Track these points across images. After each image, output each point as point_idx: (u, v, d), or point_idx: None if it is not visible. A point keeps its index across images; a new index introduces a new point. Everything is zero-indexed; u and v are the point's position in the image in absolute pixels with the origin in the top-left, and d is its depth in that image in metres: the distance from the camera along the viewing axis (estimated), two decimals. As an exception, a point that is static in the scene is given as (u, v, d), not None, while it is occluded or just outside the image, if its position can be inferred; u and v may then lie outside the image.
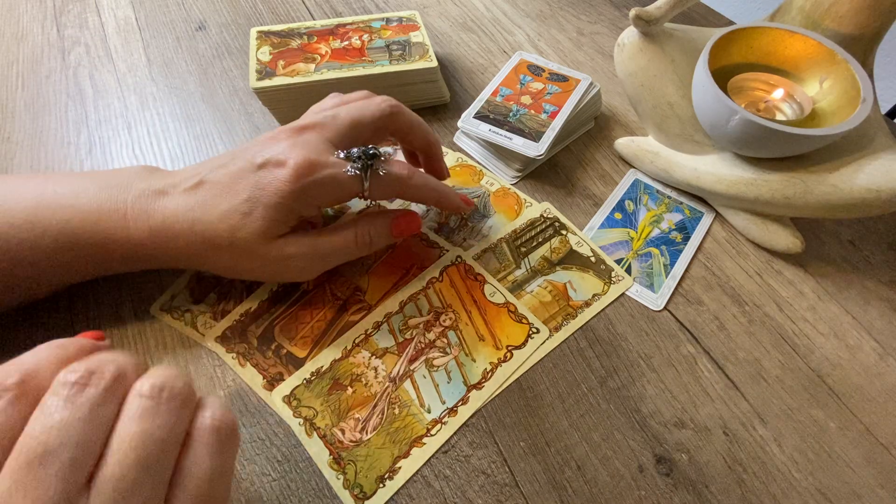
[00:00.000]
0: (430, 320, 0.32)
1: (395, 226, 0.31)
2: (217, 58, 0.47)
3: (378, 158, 0.29)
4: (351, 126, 0.30)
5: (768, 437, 0.29)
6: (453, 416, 0.29)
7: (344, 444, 0.28)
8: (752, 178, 0.34)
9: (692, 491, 0.27)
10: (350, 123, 0.30)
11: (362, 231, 0.30)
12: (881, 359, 0.32)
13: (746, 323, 0.33)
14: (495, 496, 0.27)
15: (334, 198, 0.29)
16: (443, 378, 0.30)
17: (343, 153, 0.29)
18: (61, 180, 0.29)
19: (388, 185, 0.29)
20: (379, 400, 0.29)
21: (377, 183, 0.29)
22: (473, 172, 0.39)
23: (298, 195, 0.27)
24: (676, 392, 0.30)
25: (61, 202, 0.27)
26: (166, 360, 0.30)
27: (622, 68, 0.37)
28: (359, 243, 0.30)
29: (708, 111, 0.33)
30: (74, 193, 0.28)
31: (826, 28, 0.33)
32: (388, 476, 0.27)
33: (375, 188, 0.29)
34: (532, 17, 0.52)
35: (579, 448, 0.28)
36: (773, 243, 0.35)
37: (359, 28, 0.42)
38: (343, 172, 0.28)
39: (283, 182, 0.27)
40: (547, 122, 0.38)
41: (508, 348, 0.31)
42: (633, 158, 0.40)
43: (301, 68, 0.39)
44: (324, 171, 0.28)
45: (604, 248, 0.36)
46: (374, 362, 0.30)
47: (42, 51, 0.47)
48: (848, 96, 0.32)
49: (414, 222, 0.32)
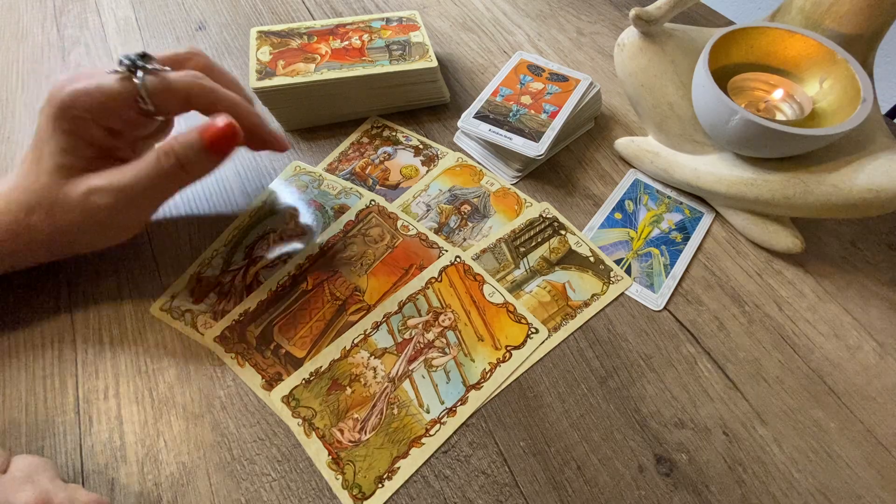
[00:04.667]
0: (430, 320, 0.32)
1: (204, 133, 0.27)
2: (217, 58, 0.47)
3: (150, 58, 0.27)
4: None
5: (768, 437, 0.29)
6: (452, 416, 0.29)
7: (343, 444, 0.28)
8: (752, 178, 0.34)
9: (692, 491, 0.27)
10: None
11: (165, 147, 0.27)
12: (881, 359, 0.32)
13: (746, 323, 0.33)
14: (495, 496, 0.27)
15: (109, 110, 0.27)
16: (442, 378, 0.30)
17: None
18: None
19: (169, 89, 0.27)
20: (378, 400, 0.29)
21: (155, 87, 0.27)
22: (473, 172, 0.39)
23: (66, 110, 0.26)
24: (676, 392, 0.30)
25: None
26: (166, 361, 0.30)
27: (622, 68, 0.37)
28: (164, 162, 0.27)
29: (708, 111, 0.33)
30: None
31: (826, 28, 0.33)
32: (386, 476, 0.27)
33: (156, 94, 0.27)
34: (532, 17, 0.52)
35: (579, 448, 0.28)
36: (773, 243, 0.35)
37: (359, 28, 0.42)
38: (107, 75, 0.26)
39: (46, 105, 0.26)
40: (547, 122, 0.38)
41: (507, 348, 0.31)
42: (633, 158, 0.39)
43: (301, 68, 0.39)
44: (86, 81, 0.26)
45: (604, 248, 0.36)
46: (372, 362, 0.30)
47: (42, 51, 0.47)
48: (848, 96, 0.32)
49: (227, 126, 0.27)
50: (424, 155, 0.40)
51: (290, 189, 0.38)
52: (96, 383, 0.30)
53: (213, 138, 0.27)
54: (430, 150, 0.41)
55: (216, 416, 0.29)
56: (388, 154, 0.40)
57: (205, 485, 0.27)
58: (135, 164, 0.27)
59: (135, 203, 0.28)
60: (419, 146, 0.41)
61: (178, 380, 0.30)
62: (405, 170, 0.39)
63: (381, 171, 0.39)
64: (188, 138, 0.27)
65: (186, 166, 0.27)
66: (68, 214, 0.27)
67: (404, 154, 0.40)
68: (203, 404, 0.29)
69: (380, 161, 0.40)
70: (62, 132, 0.26)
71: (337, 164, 0.40)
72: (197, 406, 0.29)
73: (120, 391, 0.29)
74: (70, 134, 0.26)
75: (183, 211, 0.37)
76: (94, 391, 0.29)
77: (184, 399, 0.29)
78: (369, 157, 0.40)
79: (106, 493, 0.26)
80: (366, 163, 0.40)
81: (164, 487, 0.27)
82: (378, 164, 0.40)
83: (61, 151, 0.26)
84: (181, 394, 0.29)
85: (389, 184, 0.39)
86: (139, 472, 0.27)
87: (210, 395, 0.29)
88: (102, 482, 0.27)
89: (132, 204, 0.28)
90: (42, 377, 0.30)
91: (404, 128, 0.42)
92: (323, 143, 0.41)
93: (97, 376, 0.30)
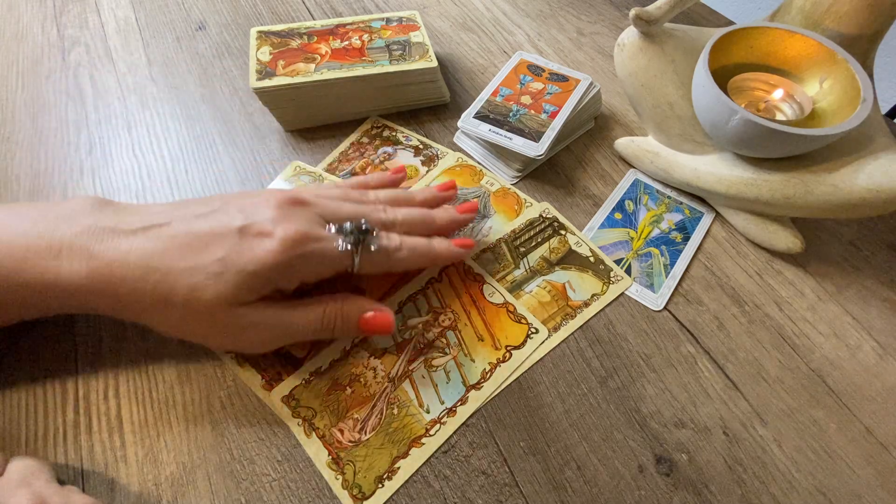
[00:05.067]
0: (429, 321, 0.32)
1: (364, 323, 0.29)
2: (217, 58, 0.47)
3: (370, 234, 0.28)
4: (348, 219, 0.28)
5: (768, 437, 0.29)
6: (452, 416, 0.29)
7: (343, 444, 0.28)
8: (752, 178, 0.34)
9: (692, 491, 0.27)
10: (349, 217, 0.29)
11: (330, 317, 0.28)
12: (881, 359, 0.32)
13: (746, 323, 0.33)
14: (495, 496, 0.27)
15: (320, 272, 0.28)
16: (442, 378, 0.30)
17: (335, 226, 0.28)
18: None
19: (377, 262, 0.29)
20: (378, 400, 0.29)
21: (367, 259, 0.28)
22: (473, 172, 0.39)
23: (282, 268, 0.25)
24: (676, 392, 0.30)
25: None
26: (166, 360, 0.30)
27: (622, 68, 0.37)
28: (324, 327, 0.28)
29: (708, 111, 0.33)
30: (2, 226, 0.25)
31: (826, 28, 0.33)
32: (386, 476, 0.27)
33: (365, 263, 0.28)
34: (532, 17, 0.52)
35: (579, 448, 0.28)
36: (773, 243, 0.35)
37: (359, 28, 0.42)
38: (334, 247, 0.27)
39: (268, 252, 0.25)
40: (547, 122, 0.38)
41: (507, 348, 0.31)
42: (633, 158, 0.39)
43: (301, 68, 0.39)
44: (314, 245, 0.26)
45: (604, 248, 0.36)
46: (372, 362, 0.30)
47: (42, 51, 0.47)
48: (848, 96, 0.32)
49: (385, 324, 0.29)
50: (424, 155, 0.40)
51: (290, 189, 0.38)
52: (96, 383, 0.30)
53: (369, 333, 0.29)
54: (430, 150, 0.41)
55: (216, 416, 0.29)
56: (389, 154, 0.40)
57: (205, 485, 0.27)
58: (297, 311, 0.27)
59: (283, 341, 0.29)
60: (419, 146, 0.41)
61: (178, 380, 0.30)
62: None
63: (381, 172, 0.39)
64: (351, 321, 0.28)
65: (335, 335, 0.29)
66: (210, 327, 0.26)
67: (404, 154, 0.40)
68: (203, 404, 0.29)
69: (380, 161, 0.40)
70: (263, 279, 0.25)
71: (337, 164, 0.40)
72: (197, 406, 0.29)
73: (120, 391, 0.29)
74: (268, 282, 0.26)
75: (183, 211, 0.37)
76: (94, 391, 0.29)
77: (184, 399, 0.29)
78: (369, 157, 0.40)
79: (106, 493, 0.26)
80: (366, 163, 0.40)
81: (164, 487, 0.27)
82: (378, 164, 0.40)
83: (245, 289, 0.25)
84: (181, 394, 0.29)
85: (389, 184, 0.39)
86: (139, 472, 0.27)
87: (210, 395, 0.29)
88: (102, 482, 0.27)
89: (281, 342, 0.29)
90: (42, 377, 0.30)
91: (404, 128, 0.42)
92: (323, 143, 0.41)
93: (97, 376, 0.30)
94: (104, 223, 0.25)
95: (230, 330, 0.26)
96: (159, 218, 0.26)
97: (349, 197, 0.31)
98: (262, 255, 0.25)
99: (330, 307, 0.28)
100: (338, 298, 0.29)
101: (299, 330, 0.28)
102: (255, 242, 0.25)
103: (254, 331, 0.26)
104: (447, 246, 0.32)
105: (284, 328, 0.27)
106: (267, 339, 0.28)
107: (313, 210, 0.28)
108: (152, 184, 0.38)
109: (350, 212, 0.29)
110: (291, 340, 0.29)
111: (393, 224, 0.30)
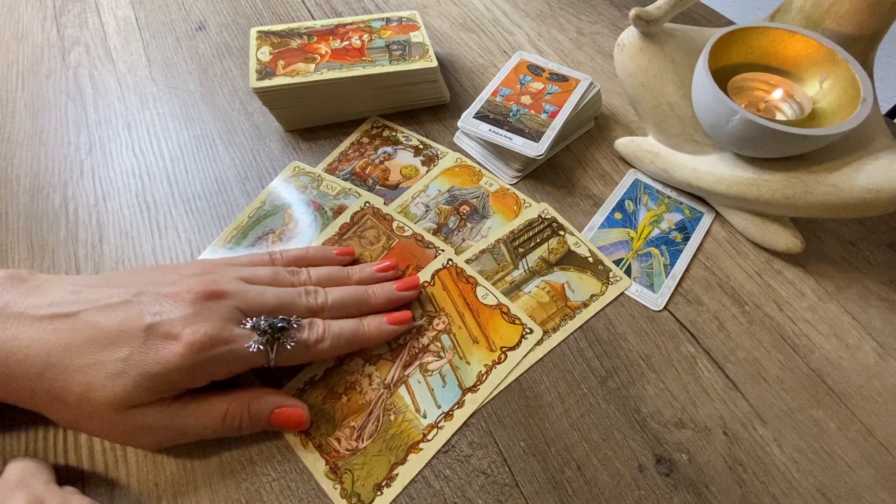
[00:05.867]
0: (423, 325, 0.32)
1: (275, 418, 0.27)
2: (217, 58, 0.47)
3: (288, 329, 0.26)
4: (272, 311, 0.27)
5: (768, 437, 0.29)
6: (449, 420, 0.29)
7: (340, 453, 0.28)
8: (752, 178, 0.34)
9: (692, 491, 0.27)
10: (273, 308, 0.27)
11: (234, 414, 0.26)
12: (881, 359, 0.32)
13: (746, 323, 0.33)
14: (495, 496, 0.27)
15: (232, 371, 0.26)
16: (438, 382, 0.30)
17: (251, 322, 0.26)
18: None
19: (296, 356, 0.27)
20: (374, 407, 0.29)
21: (284, 354, 0.26)
22: (472, 173, 0.39)
23: (187, 371, 0.24)
24: (676, 392, 0.30)
25: None
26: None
27: (622, 68, 0.37)
28: (226, 426, 0.26)
29: (708, 111, 0.33)
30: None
31: (826, 28, 0.33)
32: (385, 483, 0.27)
33: (282, 359, 0.26)
34: (532, 17, 0.52)
35: (579, 448, 0.28)
36: (773, 243, 0.35)
37: (359, 28, 0.42)
38: (245, 348, 0.25)
39: (174, 355, 0.23)
40: (547, 122, 0.38)
41: (502, 350, 0.31)
42: (633, 158, 0.39)
43: (301, 68, 0.39)
44: (223, 347, 0.25)
45: (604, 249, 0.36)
46: (367, 369, 0.30)
47: (42, 51, 0.47)
48: (848, 96, 0.32)
49: (298, 420, 0.27)
50: (424, 155, 0.40)
51: (290, 189, 0.38)
52: (96, 383, 0.29)
53: (280, 423, 0.27)
54: (430, 150, 0.41)
55: (216, 417, 0.29)
56: (388, 154, 0.40)
57: (205, 485, 0.27)
58: (196, 411, 0.25)
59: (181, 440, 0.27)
60: (419, 146, 0.41)
61: (178, 380, 0.30)
62: (405, 170, 0.39)
63: (381, 172, 0.39)
64: (259, 417, 0.26)
65: (241, 432, 0.27)
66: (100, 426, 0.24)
67: (404, 154, 0.40)
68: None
69: (380, 161, 0.40)
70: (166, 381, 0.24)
71: (337, 164, 0.40)
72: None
73: (120, 391, 0.29)
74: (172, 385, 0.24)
75: (182, 211, 0.37)
76: (93, 391, 0.29)
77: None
78: (369, 157, 0.40)
79: (106, 493, 0.26)
80: (366, 163, 0.40)
81: (164, 487, 0.27)
82: (378, 164, 0.40)
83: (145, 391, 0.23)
84: (181, 394, 0.29)
85: (389, 184, 0.39)
86: (139, 473, 0.27)
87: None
88: (102, 483, 0.27)
89: (179, 440, 0.27)
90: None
91: (404, 128, 0.42)
92: (323, 143, 0.41)
93: (97, 376, 0.30)
94: (13, 308, 0.24)
95: (122, 430, 0.25)
96: (69, 306, 0.24)
97: (278, 278, 0.29)
98: (167, 358, 0.23)
99: (233, 406, 0.26)
100: (244, 396, 0.27)
101: (198, 429, 0.26)
102: (160, 345, 0.24)
103: (147, 433, 0.25)
104: (377, 325, 0.30)
105: (180, 430, 0.25)
106: (163, 440, 0.26)
107: (231, 303, 0.26)
108: (152, 183, 0.38)
109: (272, 301, 0.27)
110: (193, 439, 0.27)
111: (322, 309, 0.29)
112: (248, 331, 0.26)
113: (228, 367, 0.25)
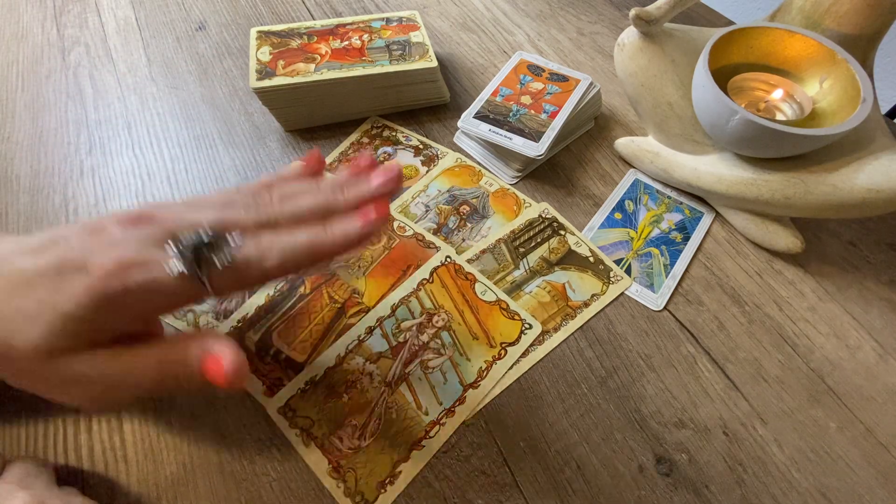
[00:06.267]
0: (423, 322, 0.32)
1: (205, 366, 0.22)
2: (217, 58, 0.47)
3: (219, 244, 0.21)
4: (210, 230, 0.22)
5: (768, 437, 0.29)
6: (451, 416, 0.29)
7: (342, 451, 0.28)
8: (752, 178, 0.34)
9: (692, 491, 0.27)
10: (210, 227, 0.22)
11: (170, 360, 0.22)
12: (881, 359, 0.32)
13: (746, 323, 0.33)
14: (495, 496, 0.27)
15: (161, 306, 0.22)
16: (438, 379, 0.30)
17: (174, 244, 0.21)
18: None
19: (240, 278, 0.22)
20: (375, 405, 0.29)
21: (219, 278, 0.21)
22: (472, 173, 0.39)
23: (103, 307, 0.20)
24: (676, 392, 0.30)
25: None
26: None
27: (622, 68, 0.37)
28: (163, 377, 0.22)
29: (708, 111, 0.33)
30: None
31: (826, 28, 0.33)
32: (388, 481, 0.27)
33: (221, 284, 0.22)
34: (532, 17, 0.52)
35: (579, 448, 0.28)
36: (773, 243, 0.35)
37: (359, 28, 0.42)
38: (165, 274, 0.21)
39: (84, 289, 0.20)
40: (547, 122, 0.38)
41: (502, 345, 0.31)
42: (633, 158, 0.39)
43: (301, 68, 0.39)
44: (138, 274, 0.21)
45: (604, 249, 0.36)
46: (368, 367, 0.30)
47: (42, 51, 0.47)
48: (848, 96, 0.32)
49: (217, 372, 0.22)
50: (424, 155, 0.40)
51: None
52: (96, 383, 0.29)
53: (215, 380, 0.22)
54: (430, 150, 0.41)
55: (216, 417, 0.29)
56: (388, 154, 0.40)
57: (205, 485, 0.27)
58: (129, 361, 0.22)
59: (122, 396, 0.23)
60: (419, 146, 0.41)
61: (178, 380, 0.30)
62: (405, 170, 0.39)
63: (381, 171, 0.39)
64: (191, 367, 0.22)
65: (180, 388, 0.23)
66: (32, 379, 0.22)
67: (404, 154, 0.40)
68: (203, 404, 0.29)
69: (380, 161, 0.40)
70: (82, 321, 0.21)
71: (337, 164, 0.40)
72: (197, 406, 0.29)
73: (120, 391, 0.29)
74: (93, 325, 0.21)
75: (183, 211, 0.37)
76: (93, 391, 0.29)
77: (184, 399, 0.29)
78: (369, 157, 0.40)
79: (106, 493, 0.26)
80: (366, 163, 0.40)
81: (164, 487, 0.27)
82: (378, 164, 0.40)
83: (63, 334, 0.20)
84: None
85: (389, 184, 0.39)
86: (139, 473, 0.27)
87: (210, 395, 0.29)
88: (102, 483, 0.27)
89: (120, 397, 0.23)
90: (42, 377, 0.30)
91: (404, 128, 0.42)
92: (323, 143, 0.41)
93: (97, 376, 0.30)
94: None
95: (53, 382, 0.22)
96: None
97: (227, 200, 0.24)
98: (77, 292, 0.20)
99: (171, 352, 0.22)
100: (184, 341, 0.23)
101: (134, 382, 0.22)
102: (70, 279, 0.21)
103: (78, 385, 0.22)
104: (343, 229, 0.23)
105: (114, 382, 0.22)
106: (96, 395, 0.22)
107: (155, 227, 0.22)
108: (152, 183, 0.38)
109: (210, 217, 0.22)
110: (131, 395, 0.23)
111: (274, 222, 0.23)
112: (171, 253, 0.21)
113: (153, 301, 0.21)
